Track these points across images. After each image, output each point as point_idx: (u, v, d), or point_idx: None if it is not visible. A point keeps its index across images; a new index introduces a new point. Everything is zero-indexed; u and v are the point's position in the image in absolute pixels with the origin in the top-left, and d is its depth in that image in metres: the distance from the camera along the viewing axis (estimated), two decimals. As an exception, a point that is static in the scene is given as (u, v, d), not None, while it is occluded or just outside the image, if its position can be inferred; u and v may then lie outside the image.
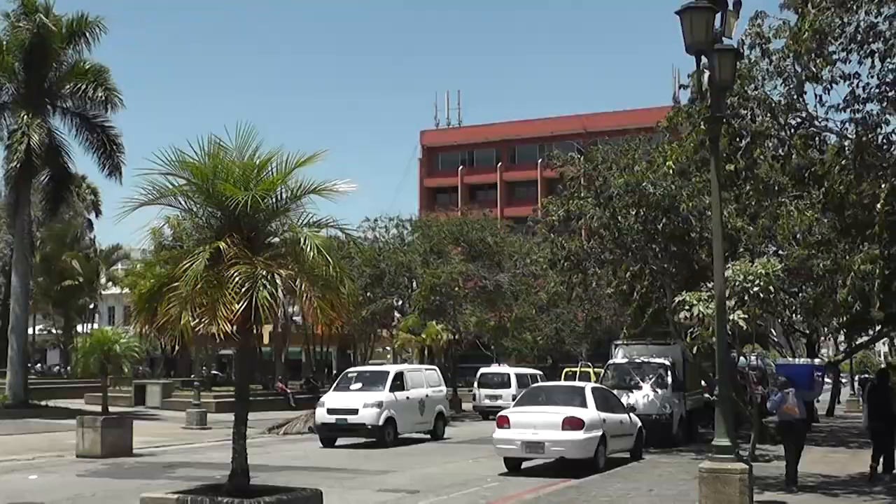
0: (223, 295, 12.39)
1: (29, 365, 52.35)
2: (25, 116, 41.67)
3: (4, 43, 42.60)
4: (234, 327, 13.02)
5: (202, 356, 52.29)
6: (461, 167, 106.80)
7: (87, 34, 43.36)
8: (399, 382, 32.50)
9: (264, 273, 12.60)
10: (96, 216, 74.00)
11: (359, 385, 32.30)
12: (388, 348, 76.04)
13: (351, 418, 30.60)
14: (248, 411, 13.76)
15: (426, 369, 37.46)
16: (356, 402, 30.89)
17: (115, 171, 44.10)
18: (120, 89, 43.40)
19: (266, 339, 55.36)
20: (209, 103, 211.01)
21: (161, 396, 48.76)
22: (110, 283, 75.67)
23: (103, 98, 42.85)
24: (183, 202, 14.00)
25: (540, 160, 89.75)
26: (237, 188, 12.99)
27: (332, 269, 13.34)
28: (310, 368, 64.36)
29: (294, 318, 56.59)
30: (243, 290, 12.34)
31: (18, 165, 41.09)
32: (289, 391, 52.71)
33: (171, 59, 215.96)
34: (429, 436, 33.91)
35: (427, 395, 33.89)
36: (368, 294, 51.28)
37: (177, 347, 14.79)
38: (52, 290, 66.85)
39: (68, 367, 69.82)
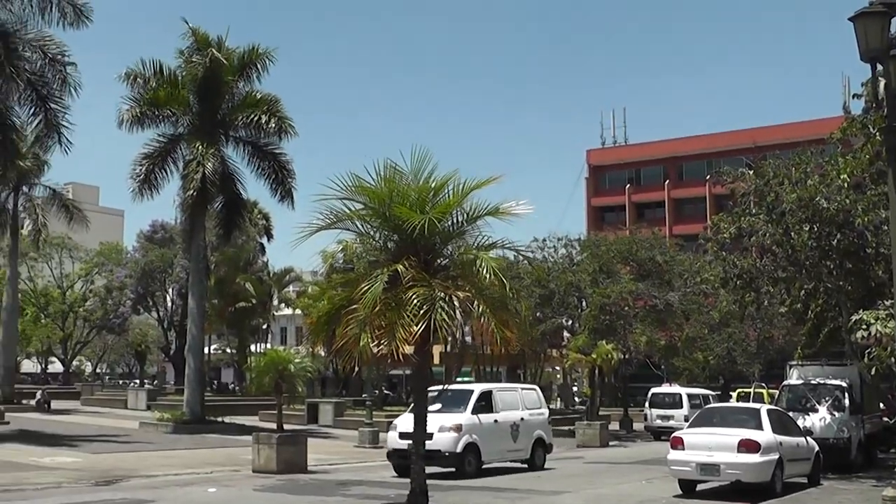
0: (401, 317, 12.64)
1: (207, 382, 53.81)
2: (200, 146, 42.95)
3: (180, 77, 44.04)
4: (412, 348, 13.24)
5: (373, 376, 52.92)
6: (628, 185, 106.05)
7: (258, 65, 44.45)
8: (485, 403, 28.31)
9: (441, 295, 12.79)
10: (268, 240, 75.64)
11: (438, 406, 26.88)
12: (557, 368, 75.77)
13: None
14: (425, 431, 13.91)
15: (522, 388, 32.83)
16: (431, 425, 26.18)
17: (286, 196, 45.13)
18: (291, 117, 44.53)
19: (436, 360, 55.74)
20: (376, 128, 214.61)
21: (333, 415, 49.42)
22: (283, 305, 77.38)
23: (276, 127, 43.86)
24: (360, 226, 14.35)
25: (708, 176, 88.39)
26: (413, 211, 13.23)
27: (508, 290, 13.46)
28: (480, 389, 64.52)
29: (465, 337, 56.95)
30: (421, 311, 12.56)
31: (194, 193, 42.38)
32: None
33: (342, 85, 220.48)
34: (525, 465, 29.42)
35: (522, 419, 29.33)
36: (538, 314, 51.27)
37: (356, 368, 15.08)
38: (227, 311, 68.40)
39: (243, 385, 71.77)
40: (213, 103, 44.35)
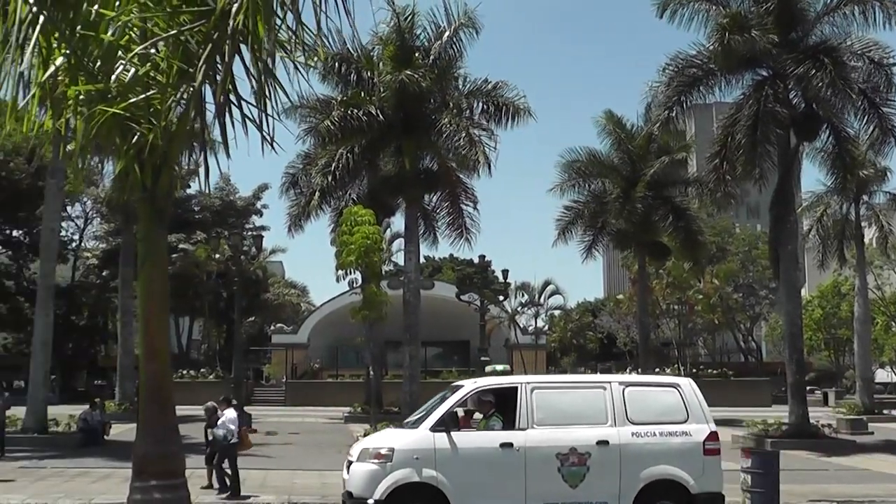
0: None
1: None
2: None
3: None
4: None
5: None
6: None
7: None
8: (485, 411, 16.15)
9: None
10: None
11: (424, 412, 16.62)
12: None
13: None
14: None
15: (631, 384, 16.31)
16: (358, 447, 16.24)
17: None
18: None
19: None
20: None
21: None
22: None
23: None
24: None
25: None
26: None
27: None
28: None
29: None
30: None
31: None
32: None
33: None
34: None
35: (603, 443, 15.31)
36: None
37: None
38: None
39: None
40: None
